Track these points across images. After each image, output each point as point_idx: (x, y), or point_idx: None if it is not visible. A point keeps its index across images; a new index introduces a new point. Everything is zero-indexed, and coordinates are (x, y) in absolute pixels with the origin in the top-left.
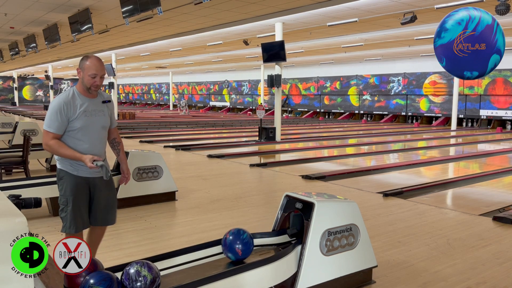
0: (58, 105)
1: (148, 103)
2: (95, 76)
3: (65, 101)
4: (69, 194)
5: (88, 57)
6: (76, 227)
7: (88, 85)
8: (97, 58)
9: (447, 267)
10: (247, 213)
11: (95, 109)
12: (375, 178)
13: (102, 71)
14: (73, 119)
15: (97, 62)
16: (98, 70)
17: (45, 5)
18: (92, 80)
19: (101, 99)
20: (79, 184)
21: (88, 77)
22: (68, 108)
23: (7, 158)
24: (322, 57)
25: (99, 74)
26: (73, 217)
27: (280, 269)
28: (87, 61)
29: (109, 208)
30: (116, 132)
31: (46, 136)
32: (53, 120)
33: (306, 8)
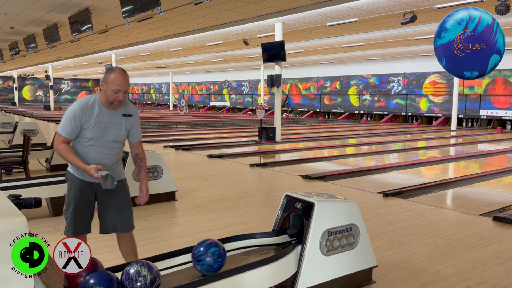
0: (74, 111)
1: (148, 103)
2: (118, 91)
3: (82, 108)
4: (71, 197)
5: (113, 70)
6: (74, 231)
7: (110, 100)
8: (122, 72)
9: (447, 267)
10: (247, 213)
11: (111, 122)
12: (375, 178)
13: (125, 86)
14: (86, 128)
15: (121, 77)
16: (121, 85)
17: (45, 5)
18: (115, 95)
19: (122, 111)
20: (83, 189)
21: (111, 91)
22: (83, 115)
23: (7, 158)
24: (322, 57)
25: (122, 90)
26: (72, 220)
27: (280, 269)
28: (111, 74)
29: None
30: (141, 147)
31: (58, 138)
32: (67, 125)
33: (306, 8)
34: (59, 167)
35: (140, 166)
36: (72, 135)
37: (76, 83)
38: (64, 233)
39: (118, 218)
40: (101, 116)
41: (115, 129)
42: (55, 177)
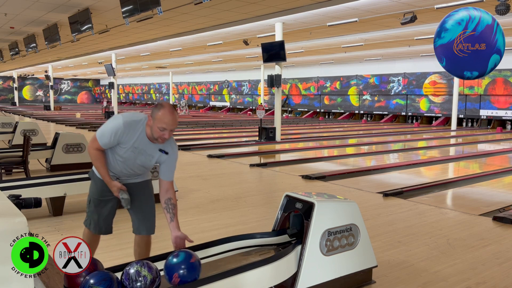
0: (118, 127)
1: (148, 103)
2: (164, 130)
3: (126, 127)
4: (91, 195)
5: (162, 107)
6: (93, 227)
7: (155, 136)
8: (171, 110)
9: (447, 267)
10: (247, 213)
11: (146, 151)
12: (375, 178)
13: (173, 125)
14: (121, 147)
15: (169, 115)
16: (169, 124)
17: (45, 5)
18: (161, 133)
19: (160, 146)
20: (104, 190)
21: (157, 129)
22: (124, 135)
23: (7, 158)
24: (322, 57)
25: (169, 129)
26: (91, 216)
27: (280, 269)
28: (160, 111)
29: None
30: (173, 190)
31: (93, 142)
32: (106, 136)
33: (306, 8)
34: (59, 167)
35: (172, 213)
36: (107, 146)
37: (76, 83)
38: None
39: (141, 221)
40: (139, 142)
41: (146, 157)
42: (55, 177)
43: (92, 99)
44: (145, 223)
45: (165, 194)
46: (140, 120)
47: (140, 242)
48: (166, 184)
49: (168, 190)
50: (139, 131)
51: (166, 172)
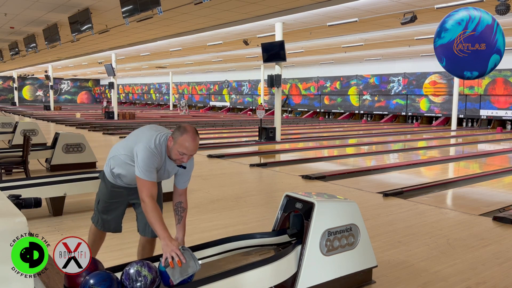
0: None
1: (148, 103)
2: (183, 154)
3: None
4: (101, 196)
5: (186, 131)
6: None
7: (173, 158)
8: (194, 136)
9: (447, 267)
10: (247, 213)
11: (170, 170)
12: (375, 178)
13: (193, 151)
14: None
15: (192, 142)
16: (189, 150)
17: (45, 5)
18: (180, 156)
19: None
20: (113, 191)
21: (177, 152)
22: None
23: (7, 158)
24: (322, 57)
25: (188, 154)
26: (99, 215)
27: (280, 269)
28: (183, 135)
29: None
30: (185, 196)
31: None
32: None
33: (306, 8)
34: (59, 167)
35: (181, 216)
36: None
37: (76, 83)
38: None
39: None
40: (166, 165)
41: (169, 175)
42: (55, 177)
43: (92, 99)
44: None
45: (177, 198)
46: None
47: (145, 244)
48: (180, 191)
49: (181, 195)
50: (163, 154)
51: (181, 182)
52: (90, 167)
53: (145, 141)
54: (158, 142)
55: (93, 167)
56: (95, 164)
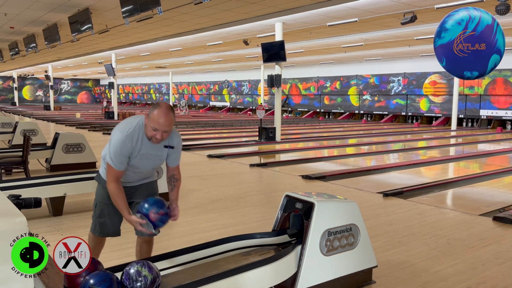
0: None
1: (148, 103)
2: (156, 130)
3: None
4: (98, 199)
5: (158, 106)
6: (100, 231)
7: (149, 136)
8: (166, 111)
9: (447, 267)
10: (247, 213)
11: (153, 154)
12: (375, 178)
13: (166, 127)
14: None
15: (163, 116)
16: (161, 125)
17: (45, 5)
18: (153, 132)
19: (165, 143)
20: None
21: (150, 128)
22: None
23: (7, 158)
24: (322, 57)
25: (160, 130)
26: (97, 221)
27: (280, 269)
28: (155, 111)
29: None
30: (177, 170)
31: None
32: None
33: (306, 8)
34: (59, 167)
35: (174, 185)
36: (124, 166)
37: (76, 83)
38: (91, 231)
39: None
40: (144, 148)
41: (155, 159)
42: (55, 177)
43: (92, 99)
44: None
45: (170, 172)
46: (136, 125)
47: (142, 244)
48: (172, 169)
49: (174, 170)
50: (140, 137)
51: (173, 160)
52: (90, 167)
53: (121, 128)
54: (135, 126)
55: (93, 167)
56: (95, 164)
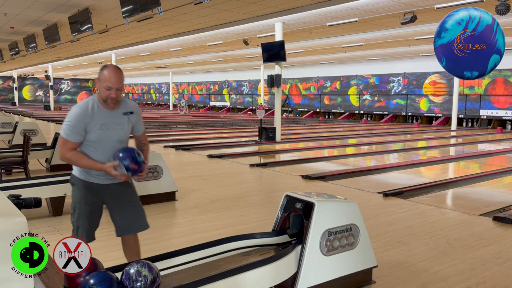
0: (77, 114)
1: (148, 103)
2: (110, 89)
3: (84, 110)
4: (77, 201)
5: (106, 67)
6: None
7: (103, 97)
8: (115, 69)
9: (447, 267)
10: (247, 213)
11: (113, 122)
12: (375, 178)
13: (118, 84)
14: (89, 131)
15: (114, 74)
16: (113, 83)
17: (45, 5)
18: (107, 92)
19: (123, 110)
20: (89, 192)
21: (103, 89)
22: (86, 117)
23: (7, 158)
24: (322, 57)
25: (114, 87)
26: (78, 225)
27: (280, 269)
28: (104, 71)
29: (131, 213)
30: (144, 136)
31: (64, 146)
32: (72, 130)
33: (306, 8)
34: (59, 167)
35: (142, 149)
36: (79, 139)
37: (76, 83)
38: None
39: (132, 219)
40: (102, 117)
41: (118, 129)
42: (55, 177)
43: None
44: (137, 221)
45: (138, 140)
46: (90, 99)
47: (128, 242)
48: (139, 137)
49: (141, 137)
50: (96, 107)
51: (137, 128)
52: None
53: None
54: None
55: None
56: None
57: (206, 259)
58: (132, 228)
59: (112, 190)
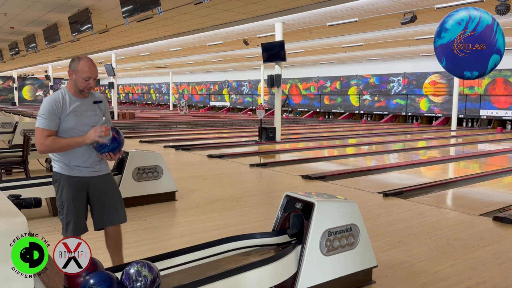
0: (50, 103)
1: (148, 103)
2: (89, 78)
3: (56, 99)
4: (64, 197)
5: (80, 58)
6: (73, 231)
7: (81, 88)
8: (90, 60)
9: (447, 267)
10: (247, 213)
11: (87, 109)
12: (375, 178)
13: (95, 73)
14: (64, 118)
15: (90, 65)
16: (91, 72)
17: (45, 5)
18: (86, 82)
19: (93, 99)
20: (75, 186)
21: (81, 79)
22: (58, 105)
23: (7, 158)
24: (322, 57)
25: (92, 77)
26: (69, 220)
27: (280, 269)
28: (80, 62)
29: (113, 206)
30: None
31: (41, 135)
32: (47, 118)
33: (306, 8)
34: None
35: None
36: (55, 126)
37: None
38: (62, 234)
39: (113, 211)
40: (74, 105)
41: (92, 116)
42: None
43: None
44: (118, 213)
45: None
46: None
47: (111, 234)
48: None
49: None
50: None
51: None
52: None
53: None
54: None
55: None
56: None
57: (206, 259)
58: (114, 220)
59: (95, 182)
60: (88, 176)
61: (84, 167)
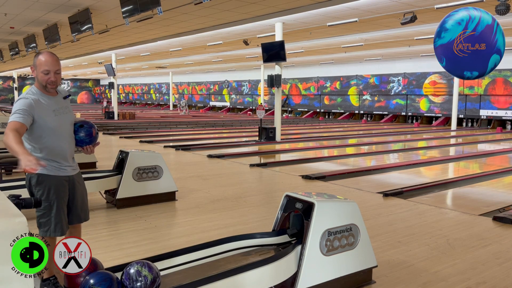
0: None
1: (148, 103)
2: (48, 72)
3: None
4: (52, 198)
5: (40, 53)
6: (62, 230)
7: (43, 83)
8: (50, 53)
9: (447, 267)
10: (247, 213)
11: (62, 107)
12: (375, 178)
13: (55, 66)
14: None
15: (49, 58)
16: (50, 65)
17: (45, 5)
18: (46, 76)
19: (61, 95)
20: (61, 185)
21: (41, 74)
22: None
23: (7, 158)
24: (322, 57)
25: (52, 70)
26: (58, 220)
27: (280, 269)
28: (39, 57)
29: (84, 204)
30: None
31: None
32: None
33: (306, 8)
34: None
35: None
36: (27, 122)
37: (76, 83)
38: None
39: (82, 209)
40: (52, 104)
41: (67, 112)
42: None
43: (92, 99)
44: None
45: None
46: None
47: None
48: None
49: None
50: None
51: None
52: (90, 167)
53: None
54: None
55: (93, 167)
56: (95, 164)
57: (206, 259)
58: (83, 218)
59: (73, 180)
60: (71, 175)
61: (68, 165)
